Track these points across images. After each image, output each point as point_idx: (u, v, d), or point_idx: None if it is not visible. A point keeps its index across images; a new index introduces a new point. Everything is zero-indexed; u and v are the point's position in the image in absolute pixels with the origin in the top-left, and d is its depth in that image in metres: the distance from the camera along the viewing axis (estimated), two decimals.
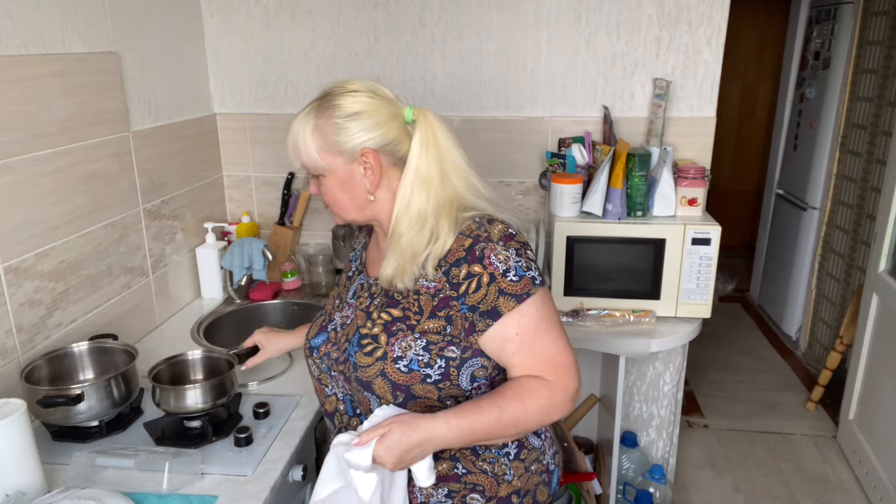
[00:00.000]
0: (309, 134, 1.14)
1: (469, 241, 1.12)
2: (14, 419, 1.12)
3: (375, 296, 1.23)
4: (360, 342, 1.18)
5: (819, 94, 3.69)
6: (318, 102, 1.16)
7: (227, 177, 2.39)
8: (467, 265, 1.12)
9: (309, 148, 1.15)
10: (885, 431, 2.55)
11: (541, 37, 2.16)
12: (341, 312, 1.28)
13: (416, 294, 1.16)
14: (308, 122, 1.15)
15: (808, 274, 3.84)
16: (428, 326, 1.15)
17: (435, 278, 1.14)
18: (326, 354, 1.25)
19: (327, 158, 1.15)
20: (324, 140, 1.14)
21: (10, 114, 1.39)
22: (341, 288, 1.34)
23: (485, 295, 1.11)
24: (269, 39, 2.25)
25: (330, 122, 1.13)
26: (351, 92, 1.14)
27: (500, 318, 1.11)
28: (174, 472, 1.22)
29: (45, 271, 1.51)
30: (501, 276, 1.11)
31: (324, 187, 1.19)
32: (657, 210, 2.04)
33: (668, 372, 2.36)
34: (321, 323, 1.32)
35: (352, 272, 1.34)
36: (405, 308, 1.17)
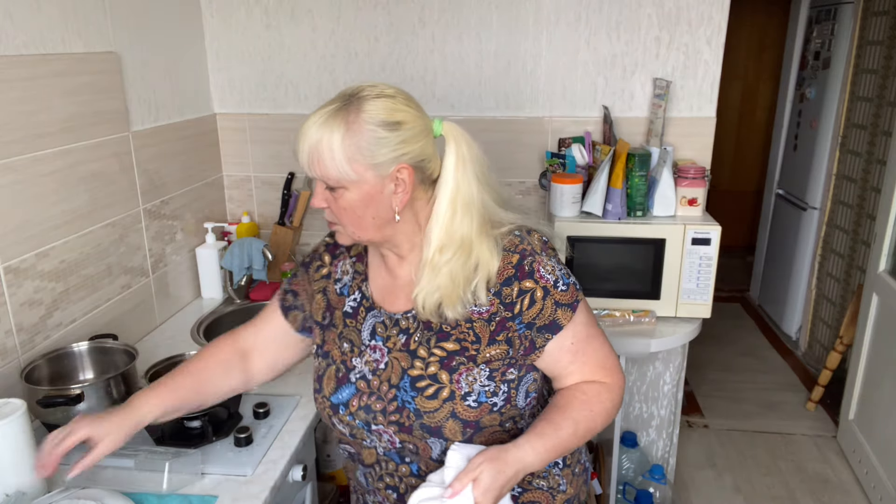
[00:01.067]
0: (338, 140, 0.99)
1: (516, 256, 1.06)
2: (14, 419, 1.12)
3: (412, 331, 1.10)
4: (416, 385, 1.07)
5: (819, 94, 3.69)
6: (344, 104, 1.01)
7: (227, 177, 2.39)
8: (518, 282, 1.06)
9: (336, 156, 0.99)
10: (885, 431, 2.55)
11: (541, 37, 2.16)
12: (362, 358, 1.13)
13: (469, 322, 1.07)
14: (336, 127, 0.99)
15: (808, 274, 3.84)
16: (490, 354, 1.07)
17: (486, 301, 1.06)
18: (364, 408, 1.10)
19: (358, 170, 0.99)
20: (356, 149, 0.99)
21: (10, 114, 1.39)
22: (340, 328, 1.17)
23: (541, 309, 1.06)
24: (269, 39, 2.25)
25: (364, 128, 0.99)
26: (388, 97, 1.02)
27: (560, 330, 1.07)
28: (174, 472, 1.22)
29: (45, 271, 1.51)
30: (553, 287, 1.06)
31: (342, 201, 1.02)
32: (657, 210, 2.04)
33: (668, 372, 2.36)
34: (334, 374, 1.14)
35: (352, 308, 1.17)
36: (460, 339, 1.07)
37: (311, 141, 1.01)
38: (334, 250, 1.22)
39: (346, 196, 1.02)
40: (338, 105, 1.02)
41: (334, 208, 1.04)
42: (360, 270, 1.18)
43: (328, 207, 1.06)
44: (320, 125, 1.01)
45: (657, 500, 2.36)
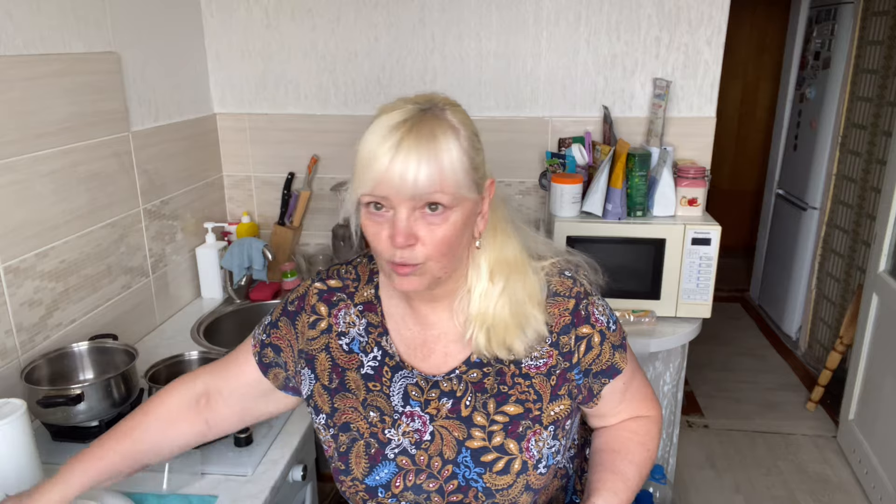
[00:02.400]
0: (456, 148, 0.85)
1: (571, 302, 0.97)
2: (14, 419, 1.12)
3: (460, 395, 0.97)
4: (480, 460, 0.94)
5: (819, 94, 3.69)
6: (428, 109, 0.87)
7: (227, 177, 2.39)
8: (575, 329, 0.97)
9: (457, 167, 0.84)
10: (885, 431, 2.54)
11: (541, 37, 2.16)
12: (397, 428, 0.97)
13: (526, 378, 0.96)
14: (451, 133, 0.85)
15: (808, 274, 3.84)
16: (555, 412, 0.97)
17: (542, 353, 0.96)
18: (412, 489, 0.95)
19: (470, 184, 0.86)
20: (468, 159, 0.86)
21: (10, 114, 1.39)
22: (363, 394, 0.99)
23: (598, 354, 0.98)
24: (269, 39, 2.25)
25: (466, 135, 0.87)
26: (460, 107, 0.92)
27: (618, 374, 1.00)
28: (174, 472, 1.22)
29: (45, 271, 1.51)
30: (607, 329, 0.99)
31: (445, 228, 0.85)
32: (657, 210, 2.04)
33: (668, 372, 2.36)
34: (364, 451, 0.97)
35: (373, 368, 1.00)
36: (521, 400, 0.96)
37: (431, 149, 0.83)
38: (330, 298, 1.03)
39: (451, 220, 0.86)
40: (424, 111, 0.87)
41: (429, 241, 0.86)
42: (375, 322, 1.01)
43: (414, 244, 0.86)
44: (434, 130, 0.84)
45: (657, 500, 2.35)
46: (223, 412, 1.08)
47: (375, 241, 0.88)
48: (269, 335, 1.06)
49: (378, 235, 0.87)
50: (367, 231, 0.88)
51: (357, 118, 2.28)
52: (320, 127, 2.30)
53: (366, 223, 0.88)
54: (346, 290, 1.03)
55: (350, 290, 1.03)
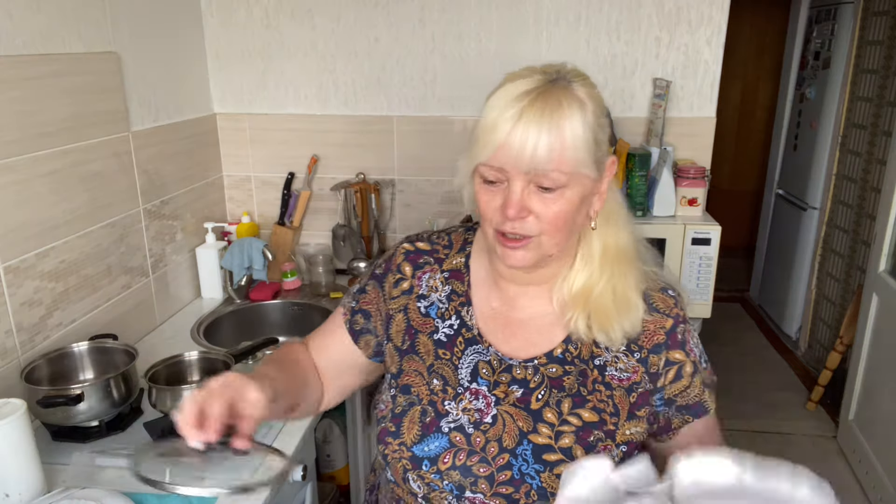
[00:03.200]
0: (580, 122, 0.82)
1: (669, 321, 0.92)
2: (14, 419, 1.12)
3: (534, 386, 0.92)
4: (542, 458, 0.88)
5: (819, 94, 3.69)
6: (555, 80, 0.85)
7: (227, 177, 2.39)
8: (667, 351, 0.92)
9: (579, 143, 0.81)
10: (885, 431, 2.54)
11: (541, 37, 2.16)
12: (458, 402, 0.93)
13: (607, 388, 0.91)
14: (577, 107, 0.82)
15: (808, 274, 3.84)
16: (630, 432, 0.91)
17: (629, 367, 0.91)
18: (460, 468, 0.89)
19: (590, 161, 0.83)
20: (592, 134, 0.83)
21: (10, 114, 1.39)
22: (430, 359, 0.96)
23: (687, 387, 0.92)
24: (269, 39, 2.25)
25: (592, 110, 0.84)
26: (587, 77, 0.89)
27: (706, 414, 0.93)
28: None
29: (45, 271, 1.51)
30: (700, 362, 0.93)
31: (560, 203, 0.83)
32: (657, 210, 2.04)
33: None
34: (419, 418, 0.93)
35: (447, 336, 0.96)
36: (598, 409, 0.90)
37: (553, 122, 0.80)
38: (416, 259, 1.01)
39: (566, 196, 0.83)
40: (552, 81, 0.85)
41: (543, 215, 0.83)
42: (460, 291, 0.98)
43: (526, 216, 0.83)
44: (561, 102, 0.81)
45: None
46: (332, 392, 1.05)
47: (486, 208, 0.86)
48: (357, 301, 1.04)
49: (489, 203, 0.85)
50: (479, 198, 0.87)
51: (357, 118, 2.28)
52: (320, 127, 2.30)
53: (477, 191, 0.87)
54: (435, 255, 1.01)
55: (440, 255, 1.01)
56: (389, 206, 2.35)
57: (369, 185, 2.28)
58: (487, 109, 0.84)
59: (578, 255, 0.93)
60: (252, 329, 2.09)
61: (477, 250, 1.01)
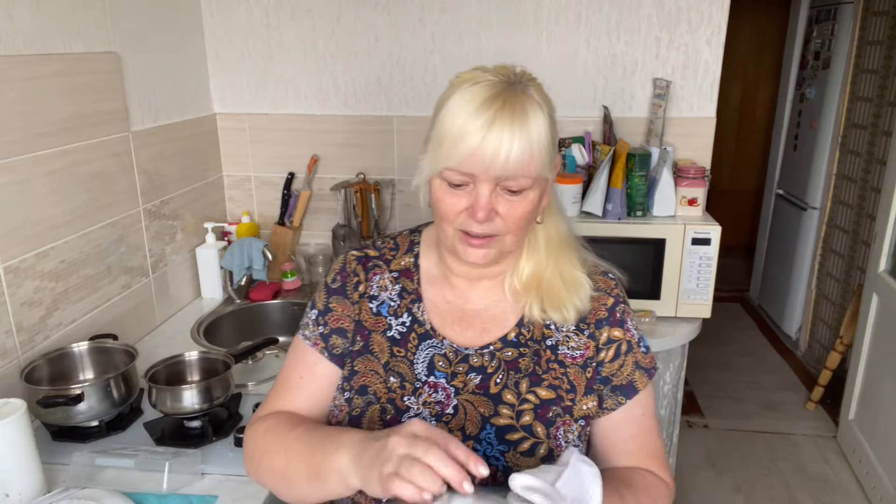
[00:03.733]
0: (544, 126, 0.85)
1: (610, 300, 0.97)
2: (14, 419, 1.12)
3: (491, 371, 0.94)
4: (506, 438, 0.89)
5: (819, 94, 3.69)
6: (514, 84, 0.86)
7: (227, 177, 2.39)
8: (609, 328, 0.96)
9: (544, 146, 0.85)
10: (885, 431, 2.54)
11: (541, 37, 2.16)
12: (417, 397, 0.93)
13: (561, 366, 0.94)
14: (540, 111, 0.85)
15: (808, 274, 3.84)
16: (587, 406, 0.94)
17: (580, 344, 0.95)
18: None
19: (550, 164, 0.87)
20: (551, 137, 0.86)
21: (10, 114, 1.39)
22: (385, 357, 0.96)
23: (621, 366, 0.95)
24: (269, 39, 2.25)
25: (549, 109, 0.88)
26: (538, 81, 0.92)
27: (635, 395, 0.95)
28: (174, 472, 1.22)
29: (45, 271, 1.51)
30: (637, 344, 0.97)
31: (525, 205, 0.87)
32: (657, 210, 2.04)
33: (668, 372, 2.36)
34: (378, 416, 0.92)
35: (400, 333, 0.97)
36: (554, 386, 0.93)
37: (523, 129, 0.82)
38: (367, 263, 1.03)
39: (529, 197, 0.87)
40: (511, 85, 0.86)
41: (508, 216, 0.87)
42: (410, 289, 1.00)
43: (494, 217, 0.86)
44: (526, 108, 0.83)
45: None
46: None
47: (450, 210, 0.87)
48: (325, 325, 0.99)
49: (454, 206, 0.87)
50: (441, 201, 0.88)
51: (357, 118, 2.28)
52: (320, 127, 2.30)
53: (439, 193, 0.88)
54: (383, 258, 1.03)
55: (387, 257, 1.03)
56: (389, 206, 2.35)
57: (369, 185, 2.28)
58: (451, 114, 0.85)
59: (525, 247, 0.97)
60: (252, 329, 2.09)
61: (426, 249, 1.03)
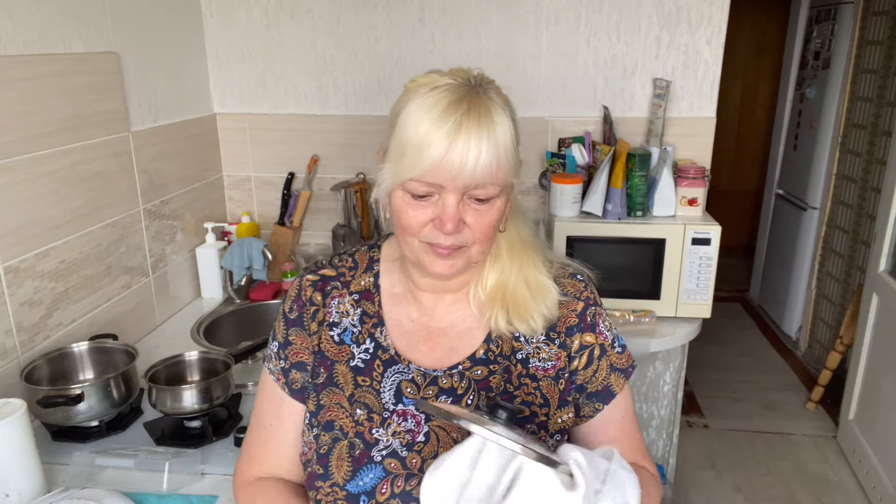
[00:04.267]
0: (509, 133, 0.81)
1: (580, 304, 0.94)
2: (14, 419, 1.12)
3: (462, 392, 0.90)
4: None
5: (819, 94, 3.69)
6: (475, 88, 0.82)
7: (227, 177, 2.39)
8: (580, 334, 0.93)
9: (510, 154, 0.82)
10: (885, 431, 2.54)
11: (541, 37, 2.16)
12: (386, 428, 0.88)
13: (533, 380, 0.91)
14: (505, 117, 0.82)
15: (808, 274, 3.84)
16: (562, 419, 0.91)
17: (552, 355, 0.92)
18: (400, 496, 0.84)
19: (516, 169, 0.85)
20: (515, 142, 0.83)
21: (10, 114, 1.39)
22: (350, 389, 0.91)
23: (595, 371, 0.93)
24: (269, 39, 2.25)
25: (510, 112, 0.84)
26: (493, 81, 0.88)
27: (612, 399, 0.93)
28: (174, 472, 1.22)
29: (45, 271, 1.51)
30: (610, 346, 0.94)
31: (492, 213, 0.84)
32: (657, 210, 2.04)
33: (668, 372, 2.36)
34: (346, 453, 0.88)
35: (363, 362, 0.93)
36: (527, 402, 0.90)
37: (490, 135, 0.78)
38: (324, 287, 0.97)
39: (496, 206, 0.84)
40: (472, 88, 0.82)
41: (476, 226, 0.83)
42: (371, 312, 0.95)
43: (462, 228, 0.83)
44: (490, 112, 0.79)
45: None
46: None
47: (413, 222, 0.83)
48: (285, 358, 0.95)
49: (417, 217, 0.83)
50: (403, 213, 0.83)
51: (357, 118, 2.28)
52: (320, 127, 2.30)
53: (401, 206, 0.83)
54: (342, 279, 0.97)
55: (346, 278, 0.97)
56: None
57: (369, 185, 2.28)
58: (412, 121, 0.80)
59: (488, 256, 0.93)
60: (252, 329, 2.09)
61: (386, 267, 0.98)
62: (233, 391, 1.46)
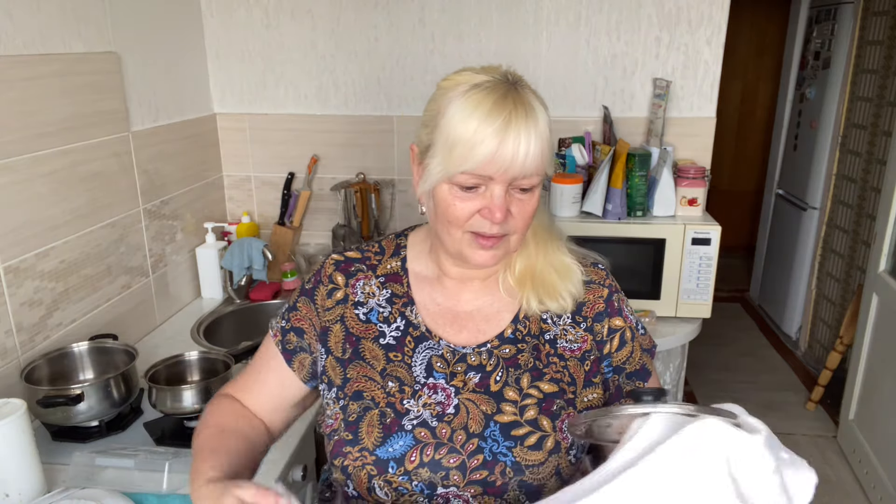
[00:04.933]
0: (546, 124, 0.86)
1: (605, 291, 0.99)
2: (14, 419, 1.12)
3: (490, 369, 0.93)
4: (511, 434, 0.88)
5: (819, 94, 3.69)
6: (513, 84, 0.88)
7: (227, 177, 2.39)
8: (608, 318, 0.98)
9: (549, 144, 0.87)
10: (885, 431, 2.54)
11: (541, 37, 2.16)
12: (417, 399, 0.92)
13: (561, 359, 0.95)
14: (542, 109, 0.87)
15: (808, 274, 3.84)
16: (589, 399, 0.94)
17: (578, 337, 0.96)
18: (429, 464, 0.87)
19: (553, 159, 0.94)
20: (551, 133, 0.88)
21: (10, 114, 1.39)
22: (382, 364, 0.95)
23: (631, 352, 0.98)
24: (269, 39, 2.25)
25: (546, 110, 0.89)
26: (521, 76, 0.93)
27: (649, 377, 0.98)
28: (174, 472, 1.22)
29: (45, 271, 1.51)
30: (636, 329, 1.00)
31: (532, 202, 0.89)
32: (657, 210, 2.04)
33: (668, 372, 2.36)
34: (378, 420, 0.90)
35: (395, 339, 0.96)
36: (556, 379, 0.93)
37: (537, 129, 0.84)
38: (348, 268, 1.02)
39: (536, 195, 0.89)
40: (512, 84, 0.88)
41: (520, 215, 0.88)
42: (400, 293, 0.99)
43: (505, 217, 0.87)
44: (533, 106, 0.85)
45: None
46: (277, 425, 1.04)
47: (461, 213, 0.87)
48: (288, 320, 1.02)
49: (465, 209, 0.87)
50: (451, 205, 0.87)
51: (357, 118, 2.28)
52: (320, 127, 2.30)
53: (448, 198, 0.87)
54: (367, 262, 1.02)
55: (371, 262, 1.02)
56: (389, 206, 2.35)
57: (369, 185, 2.28)
58: (460, 119, 0.84)
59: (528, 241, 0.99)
60: (252, 329, 2.09)
61: (414, 254, 1.03)
62: None
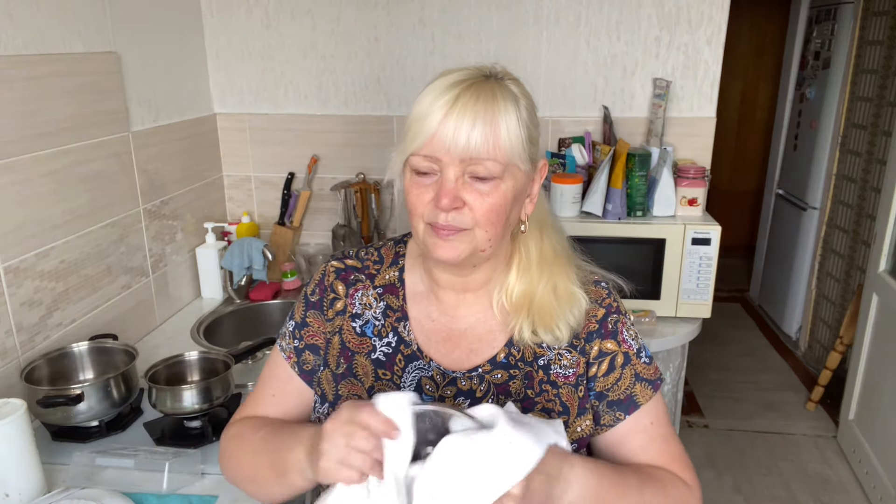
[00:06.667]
0: (514, 114, 0.82)
1: (601, 311, 0.93)
2: (14, 419, 1.12)
3: (480, 395, 0.90)
4: None
5: (819, 94, 3.69)
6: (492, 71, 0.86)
7: (227, 177, 2.39)
8: (600, 340, 0.92)
9: (513, 134, 0.81)
10: (885, 431, 2.54)
11: (541, 37, 2.16)
12: None
13: (553, 386, 0.90)
14: (511, 98, 0.83)
15: (808, 274, 3.84)
16: (581, 428, 0.90)
17: (572, 362, 0.91)
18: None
19: (524, 155, 0.83)
20: (526, 130, 0.83)
21: (10, 114, 1.39)
22: (370, 381, 0.92)
23: (618, 379, 0.91)
24: (269, 39, 2.25)
25: (528, 108, 0.85)
26: (520, 81, 0.89)
27: (636, 410, 0.90)
28: (174, 472, 1.22)
29: (45, 271, 1.51)
30: (636, 356, 0.92)
31: (495, 196, 0.82)
32: (657, 210, 2.04)
33: (668, 372, 2.36)
34: None
35: (385, 355, 0.93)
36: (547, 409, 0.89)
37: (488, 109, 0.79)
38: (347, 277, 0.97)
39: (500, 189, 0.82)
40: (486, 76, 0.85)
41: (478, 208, 0.82)
42: (395, 306, 0.95)
43: (461, 207, 0.82)
44: (495, 93, 0.81)
45: None
46: None
47: (417, 201, 0.84)
48: (301, 339, 0.97)
49: (420, 197, 0.83)
50: (410, 194, 0.85)
51: (357, 118, 2.28)
52: (320, 127, 2.30)
53: (409, 187, 0.85)
54: (366, 271, 0.98)
55: (370, 271, 0.98)
56: (389, 206, 2.35)
57: (369, 185, 2.28)
58: (418, 101, 0.83)
59: (515, 262, 0.92)
60: (252, 329, 2.09)
61: (411, 264, 0.98)
62: (233, 391, 1.46)
